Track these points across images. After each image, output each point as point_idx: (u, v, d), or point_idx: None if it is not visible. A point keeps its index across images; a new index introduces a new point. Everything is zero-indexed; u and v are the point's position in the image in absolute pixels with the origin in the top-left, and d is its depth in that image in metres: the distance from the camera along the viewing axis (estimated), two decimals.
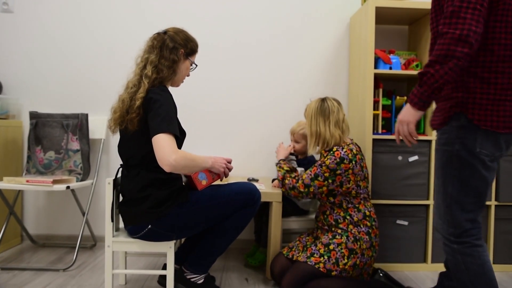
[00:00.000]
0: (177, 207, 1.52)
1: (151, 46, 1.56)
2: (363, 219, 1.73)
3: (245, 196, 1.60)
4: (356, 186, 1.73)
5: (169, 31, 1.60)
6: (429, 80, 1.17)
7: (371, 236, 1.72)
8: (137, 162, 1.52)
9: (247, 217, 1.63)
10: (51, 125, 2.37)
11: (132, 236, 1.58)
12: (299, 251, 1.77)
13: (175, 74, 1.58)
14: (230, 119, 2.54)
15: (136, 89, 1.50)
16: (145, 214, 1.50)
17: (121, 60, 2.52)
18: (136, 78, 1.53)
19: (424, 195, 2.12)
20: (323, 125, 1.76)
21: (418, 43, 2.32)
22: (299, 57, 2.53)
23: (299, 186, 1.75)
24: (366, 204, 1.77)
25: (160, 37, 1.57)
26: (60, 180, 2.12)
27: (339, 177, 1.69)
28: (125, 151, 1.57)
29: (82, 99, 2.52)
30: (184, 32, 1.62)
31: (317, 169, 1.72)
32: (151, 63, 1.52)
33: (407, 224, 2.12)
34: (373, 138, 2.09)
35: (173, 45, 1.56)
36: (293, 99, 2.53)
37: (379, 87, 2.14)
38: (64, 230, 2.55)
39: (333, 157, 1.70)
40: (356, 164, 1.71)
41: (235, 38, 2.52)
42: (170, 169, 1.39)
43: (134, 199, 1.51)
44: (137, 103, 1.45)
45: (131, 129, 1.47)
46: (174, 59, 1.56)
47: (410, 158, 2.10)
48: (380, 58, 2.13)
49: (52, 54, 2.52)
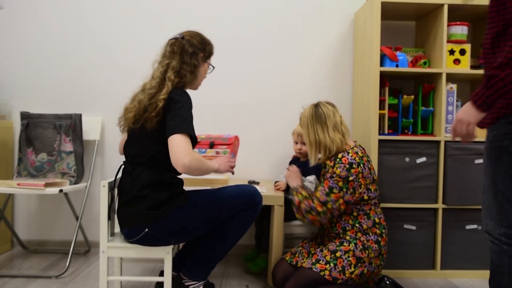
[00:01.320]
0: (176, 210, 1.53)
1: (171, 51, 1.62)
2: (372, 227, 1.73)
3: (246, 199, 1.62)
4: (367, 190, 1.73)
5: (186, 35, 1.65)
6: (497, 84, 1.16)
7: (380, 245, 1.72)
8: (144, 161, 1.55)
9: (248, 221, 1.64)
10: (43, 126, 2.39)
11: (129, 241, 1.59)
12: (303, 257, 1.77)
13: (196, 79, 1.66)
14: (230, 120, 2.55)
15: (155, 91, 1.55)
16: (143, 216, 1.51)
17: (116, 59, 2.53)
18: (156, 81, 1.58)
19: (432, 198, 2.12)
20: (322, 132, 1.75)
21: (426, 40, 2.32)
22: (300, 55, 2.54)
23: (316, 206, 1.70)
24: (376, 210, 1.77)
25: (179, 43, 1.63)
26: (52, 183, 2.13)
27: (351, 183, 1.68)
28: (133, 148, 1.60)
29: (76, 98, 2.53)
30: (200, 35, 1.69)
31: (330, 182, 1.70)
32: (173, 69, 1.58)
33: (415, 228, 2.12)
34: (379, 139, 2.09)
35: (193, 50, 1.63)
36: (295, 99, 2.53)
37: (385, 85, 2.15)
38: (57, 235, 2.56)
39: (342, 164, 1.69)
40: (365, 167, 1.71)
41: (234, 35, 2.53)
42: (184, 170, 1.43)
43: (132, 199, 1.53)
44: (159, 104, 1.50)
45: (148, 127, 1.52)
46: (195, 64, 1.63)
47: (418, 160, 2.11)
48: (386, 55, 2.14)
49: (44, 52, 2.53)
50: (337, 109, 1.81)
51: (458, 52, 2.15)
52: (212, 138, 2.19)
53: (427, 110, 2.16)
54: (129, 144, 1.63)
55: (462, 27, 2.15)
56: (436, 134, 2.16)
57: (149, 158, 1.54)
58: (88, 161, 2.49)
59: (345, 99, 2.54)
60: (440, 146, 2.11)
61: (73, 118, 2.39)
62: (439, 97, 2.14)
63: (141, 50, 2.53)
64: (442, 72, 2.11)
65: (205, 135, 2.25)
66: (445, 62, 2.12)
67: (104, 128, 2.54)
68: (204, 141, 2.20)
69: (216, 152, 2.14)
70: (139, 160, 1.57)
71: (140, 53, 2.53)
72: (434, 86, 2.18)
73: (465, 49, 2.15)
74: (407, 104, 2.20)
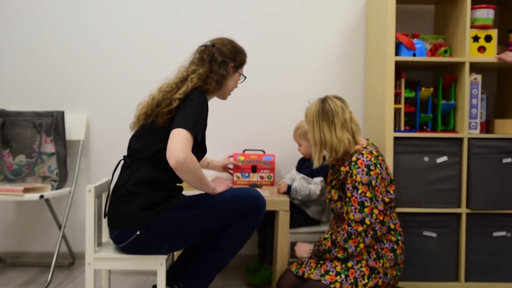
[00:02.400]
0: (171, 212, 1.54)
1: (200, 59, 1.69)
2: (387, 234, 1.73)
3: (248, 203, 1.62)
4: (386, 192, 1.73)
5: (217, 43, 1.73)
6: None
7: (396, 253, 1.72)
8: (145, 156, 1.59)
9: (249, 227, 1.63)
10: (21, 125, 2.38)
11: (118, 246, 1.59)
12: (310, 268, 1.77)
13: (221, 89, 1.73)
14: (230, 116, 2.55)
15: (171, 89, 1.62)
16: (135, 216, 1.52)
17: (101, 50, 2.53)
18: (175, 81, 1.64)
19: (455, 202, 2.11)
20: (328, 131, 1.75)
21: (447, 25, 2.31)
22: (307, 46, 2.54)
23: (355, 227, 1.64)
24: (391, 215, 1.76)
25: (209, 50, 1.70)
26: (32, 188, 2.12)
27: (377, 188, 1.68)
28: (138, 142, 1.64)
29: (57, 94, 2.53)
30: (232, 43, 1.75)
31: (357, 196, 1.67)
32: (199, 75, 1.65)
33: (436, 236, 2.11)
34: (394, 137, 2.08)
35: (222, 59, 1.69)
36: (301, 94, 2.52)
37: (401, 77, 2.14)
38: (37, 246, 2.55)
39: (359, 169, 1.68)
40: (382, 167, 1.72)
41: (235, 24, 2.52)
42: (175, 165, 1.44)
43: (125, 195, 1.54)
44: (174, 104, 1.56)
45: (159, 122, 1.57)
46: (224, 74, 1.70)
47: (438, 159, 2.10)
48: (402, 44, 2.13)
49: (21, 43, 2.53)
50: (346, 105, 1.81)
51: (483, 38, 2.13)
52: (253, 161, 2.39)
53: (448, 104, 2.15)
54: (134, 138, 1.68)
55: (488, 10, 2.14)
56: (459, 130, 2.15)
57: (151, 155, 1.58)
58: (72, 163, 2.48)
59: (357, 92, 2.53)
60: (463, 144, 2.10)
61: (54, 115, 2.38)
62: (461, 90, 2.13)
63: (130, 39, 2.53)
64: (465, 61, 2.10)
65: (242, 154, 2.40)
66: (468, 50, 2.11)
67: (90, 126, 2.54)
68: (246, 165, 2.40)
69: (260, 177, 2.40)
70: (141, 155, 1.61)
71: (129, 42, 2.53)
72: (456, 77, 2.17)
73: (491, 35, 2.13)
74: (426, 97, 2.19)
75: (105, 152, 2.52)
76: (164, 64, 2.41)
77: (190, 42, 2.45)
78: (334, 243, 1.71)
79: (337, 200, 1.81)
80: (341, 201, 1.79)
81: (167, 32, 2.52)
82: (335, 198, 1.81)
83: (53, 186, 2.33)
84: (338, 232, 1.71)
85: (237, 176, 2.39)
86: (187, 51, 1.71)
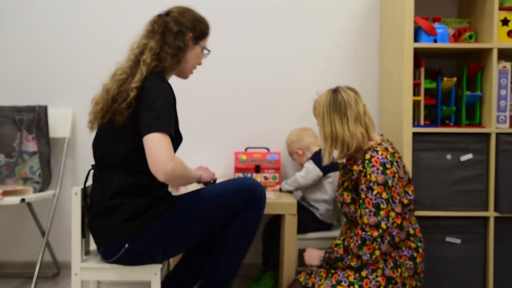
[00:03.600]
0: (159, 217, 1.53)
1: (150, 31, 1.61)
2: (406, 240, 1.72)
3: (244, 195, 1.61)
4: (405, 192, 1.73)
5: (173, 11, 1.65)
6: None
7: (416, 262, 1.71)
8: (114, 162, 1.55)
9: (252, 222, 1.63)
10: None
11: (108, 261, 1.58)
12: (321, 278, 1.77)
13: (179, 64, 1.64)
14: (230, 111, 2.55)
15: (126, 77, 1.54)
16: (120, 230, 1.51)
17: (88, 39, 2.53)
18: (128, 64, 1.58)
19: (481, 204, 2.10)
20: (340, 124, 1.75)
21: (472, 8, 2.30)
22: (315, 31, 2.53)
23: (370, 232, 1.64)
24: (410, 219, 1.76)
25: (162, 20, 1.62)
26: (12, 191, 2.13)
27: (394, 188, 1.67)
28: (101, 147, 1.60)
29: (40, 87, 2.53)
30: (191, 12, 1.68)
31: (372, 197, 1.67)
32: (151, 50, 1.57)
33: (460, 242, 2.11)
34: (413, 132, 2.08)
35: (178, 28, 1.61)
36: (308, 85, 2.53)
37: (420, 65, 2.13)
38: (19, 255, 2.56)
39: (374, 167, 1.67)
40: (399, 166, 1.71)
41: (234, 8, 2.52)
42: (165, 179, 1.44)
43: (104, 210, 1.53)
44: (130, 94, 1.48)
45: (118, 121, 1.50)
46: (180, 45, 1.61)
47: (462, 157, 2.09)
48: (421, 28, 2.12)
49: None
50: (360, 97, 1.80)
51: None
52: (256, 160, 2.39)
53: (474, 96, 2.15)
54: (98, 142, 1.63)
55: None
56: (486, 125, 2.14)
57: (120, 159, 1.54)
58: (56, 163, 2.49)
59: (371, 83, 2.53)
60: (490, 140, 2.09)
61: (36, 110, 2.39)
62: (488, 79, 2.12)
63: (119, 26, 2.53)
64: (492, 47, 2.09)
65: (244, 152, 2.39)
66: (496, 35, 2.10)
67: (76, 122, 2.54)
68: (248, 164, 2.37)
69: (264, 177, 2.40)
70: (108, 162, 1.57)
71: (118, 30, 2.52)
72: (482, 66, 2.17)
73: None
74: (449, 88, 2.18)
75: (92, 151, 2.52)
76: None
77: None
78: (347, 249, 1.70)
79: (350, 203, 1.81)
80: (354, 204, 1.79)
81: None
82: (348, 201, 1.81)
83: (36, 189, 2.34)
84: (351, 238, 1.71)
85: (239, 176, 2.39)
86: None
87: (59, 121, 2.48)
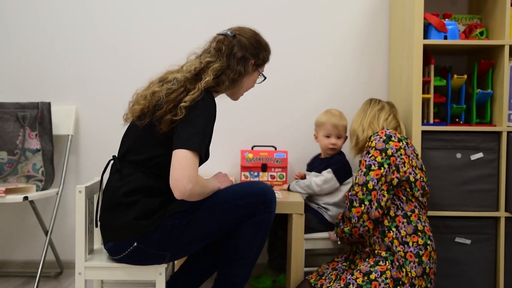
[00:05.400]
0: (170, 218, 1.54)
1: (217, 50, 1.63)
2: (413, 234, 1.71)
3: (253, 199, 1.61)
4: (413, 172, 1.79)
5: (238, 34, 1.67)
6: None
7: (422, 260, 1.70)
8: (137, 160, 1.58)
9: (262, 226, 1.63)
10: (2, 118, 2.39)
11: (114, 258, 1.59)
12: (330, 280, 1.76)
13: (235, 88, 1.69)
14: (237, 108, 2.52)
15: (178, 87, 1.55)
16: (130, 227, 1.51)
17: (92, 34, 2.52)
18: (185, 76, 1.57)
19: (492, 204, 2.09)
20: (359, 121, 1.98)
21: (483, 4, 2.29)
22: (322, 28, 2.52)
23: (357, 192, 1.76)
24: (420, 215, 1.76)
25: (228, 41, 1.64)
26: (15, 189, 2.13)
27: (393, 158, 1.77)
28: (129, 142, 1.62)
29: (43, 83, 2.53)
30: (257, 37, 1.71)
31: (366, 159, 1.80)
32: (214, 70, 1.59)
33: (470, 243, 2.10)
34: (422, 130, 2.08)
35: (243, 54, 1.64)
36: (315, 82, 2.52)
37: (430, 62, 2.13)
38: (21, 254, 2.56)
39: (378, 136, 1.82)
40: (408, 146, 1.81)
41: (239, 4, 2.51)
42: (181, 197, 1.47)
43: (117, 205, 1.54)
44: (179, 113, 1.49)
45: (160, 128, 1.51)
46: (241, 71, 1.65)
47: (472, 156, 2.08)
48: (431, 25, 2.11)
49: (1, 29, 2.52)
50: (389, 106, 2.03)
51: None
52: (263, 158, 2.38)
53: (485, 93, 2.13)
54: (127, 136, 1.66)
55: None
56: (497, 123, 2.13)
57: (144, 159, 1.56)
58: (60, 161, 2.49)
59: (379, 81, 2.52)
60: (501, 139, 2.09)
61: (39, 107, 2.39)
62: (500, 77, 2.11)
63: (124, 22, 2.52)
64: (504, 44, 2.08)
65: (250, 151, 2.39)
66: (508, 31, 2.08)
67: (79, 119, 2.54)
68: (255, 163, 2.39)
69: (271, 176, 2.39)
70: (132, 158, 1.59)
71: (123, 26, 2.52)
72: (493, 63, 2.16)
73: None
74: (459, 86, 2.17)
75: (96, 149, 2.52)
76: (162, 52, 2.43)
77: (191, 26, 2.47)
78: (343, 216, 1.84)
79: None
80: None
81: (165, 17, 2.51)
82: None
83: (39, 187, 2.34)
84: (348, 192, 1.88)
85: (245, 175, 2.38)
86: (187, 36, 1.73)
87: (63, 118, 2.47)
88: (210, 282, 1.76)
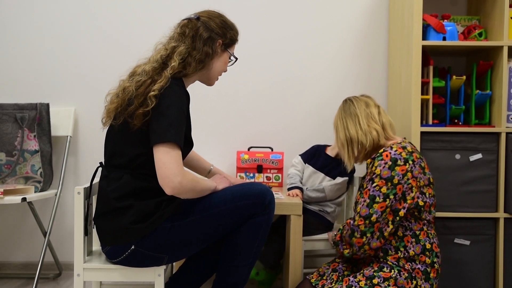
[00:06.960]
0: (167, 220, 1.53)
1: (181, 34, 1.62)
2: (421, 254, 1.69)
3: (252, 200, 1.60)
4: (421, 194, 1.71)
5: (202, 16, 1.66)
6: None
7: (430, 276, 1.68)
8: (122, 163, 1.56)
9: (260, 228, 1.62)
10: (0, 119, 2.38)
11: (112, 261, 1.58)
12: (332, 281, 1.76)
13: (203, 70, 1.65)
14: (233, 108, 2.54)
15: (146, 79, 1.53)
16: (128, 231, 1.51)
17: (91, 34, 2.53)
18: (152, 66, 1.56)
19: (491, 205, 2.10)
20: (353, 125, 1.79)
21: (482, 5, 2.29)
22: (320, 29, 2.52)
23: (358, 223, 1.66)
24: (429, 232, 1.73)
25: (193, 24, 1.63)
26: (13, 190, 2.13)
27: (400, 186, 1.66)
28: (110, 146, 1.61)
29: (41, 85, 2.53)
30: (222, 17, 1.69)
31: (370, 189, 1.68)
32: (179, 54, 1.57)
33: (469, 244, 2.10)
34: (421, 131, 2.08)
35: (209, 34, 1.62)
36: (314, 83, 2.52)
37: (429, 64, 2.13)
38: (19, 256, 2.56)
39: (382, 161, 1.68)
40: (415, 165, 1.69)
41: (237, 4, 2.52)
42: (173, 193, 1.45)
43: (111, 211, 1.53)
44: (150, 104, 1.47)
45: (134, 124, 1.50)
46: (208, 52, 1.62)
47: (471, 157, 2.09)
48: (430, 26, 2.12)
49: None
50: (372, 99, 1.87)
51: None
52: (259, 160, 2.37)
53: (483, 94, 2.14)
54: (107, 141, 1.64)
55: None
56: (495, 124, 2.13)
57: (128, 160, 1.54)
58: (58, 162, 2.49)
59: (378, 82, 2.52)
60: (500, 140, 2.09)
61: (38, 108, 2.39)
62: (498, 78, 2.11)
63: (125, 21, 2.52)
64: (503, 45, 2.08)
65: (246, 152, 2.38)
66: (506, 32, 2.09)
67: (78, 120, 2.54)
68: (250, 164, 2.36)
69: (266, 177, 2.39)
70: (116, 162, 1.57)
71: (123, 25, 2.52)
72: (492, 64, 2.16)
73: None
74: (458, 86, 2.18)
75: (95, 150, 2.52)
76: None
77: None
78: (342, 237, 1.76)
79: None
80: None
81: (164, 18, 2.51)
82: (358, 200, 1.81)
83: (37, 188, 2.33)
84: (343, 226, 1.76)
85: (241, 176, 2.38)
86: None
87: (61, 119, 2.47)
88: (209, 283, 1.77)
